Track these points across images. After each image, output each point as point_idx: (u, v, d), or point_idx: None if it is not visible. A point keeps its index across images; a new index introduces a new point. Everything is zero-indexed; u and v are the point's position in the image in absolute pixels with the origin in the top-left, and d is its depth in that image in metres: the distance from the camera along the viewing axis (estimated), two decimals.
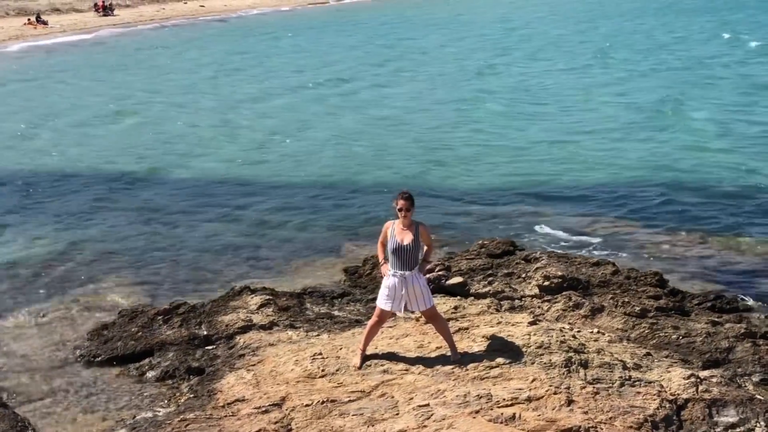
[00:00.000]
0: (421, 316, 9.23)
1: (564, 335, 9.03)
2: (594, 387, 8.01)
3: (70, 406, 9.03)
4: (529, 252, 12.44)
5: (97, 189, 18.70)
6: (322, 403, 7.92)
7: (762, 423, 7.72)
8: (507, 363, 8.40)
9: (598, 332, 9.61)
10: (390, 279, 8.37)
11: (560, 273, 11.20)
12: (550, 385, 7.92)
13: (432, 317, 8.66)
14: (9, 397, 9.13)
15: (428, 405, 7.73)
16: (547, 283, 11.09)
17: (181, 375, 9.41)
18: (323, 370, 8.56)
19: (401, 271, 8.28)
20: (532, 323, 9.36)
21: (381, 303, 8.49)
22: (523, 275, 11.51)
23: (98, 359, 10.02)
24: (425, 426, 7.41)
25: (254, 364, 9.02)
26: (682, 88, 30.39)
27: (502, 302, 10.59)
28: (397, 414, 7.67)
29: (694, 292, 11.65)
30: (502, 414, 7.51)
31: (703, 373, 8.62)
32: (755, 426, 7.71)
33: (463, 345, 8.85)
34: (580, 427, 7.34)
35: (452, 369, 8.36)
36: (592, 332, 9.56)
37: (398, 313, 8.88)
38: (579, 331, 9.45)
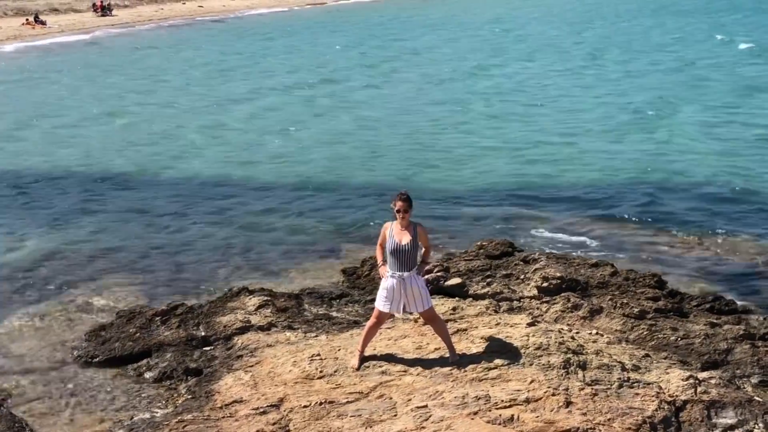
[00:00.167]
0: (419, 318, 9.22)
1: (562, 336, 9.02)
2: (592, 388, 8.00)
3: (67, 406, 9.00)
4: (527, 253, 12.42)
5: (91, 190, 18.66)
6: (320, 404, 7.90)
7: (760, 424, 7.73)
8: (505, 364, 8.40)
9: (597, 333, 9.60)
10: (388, 280, 8.36)
11: (559, 274, 11.19)
12: (549, 387, 7.91)
13: (430, 318, 8.65)
14: (6, 398, 9.10)
15: (426, 406, 7.72)
16: (545, 284, 11.08)
17: (178, 376, 9.39)
18: (321, 372, 8.55)
19: (400, 272, 8.27)
20: (530, 324, 9.35)
21: (379, 304, 8.48)
22: (522, 276, 11.49)
23: (96, 360, 9.99)
24: (423, 427, 7.39)
25: (252, 365, 9.00)
26: (677, 89, 30.46)
27: (500, 303, 10.58)
28: (395, 415, 7.66)
29: (693, 293, 11.65)
30: (500, 415, 7.51)
31: (702, 375, 8.62)
32: (754, 427, 7.71)
33: (462, 346, 8.84)
34: (578, 428, 7.34)
35: (451, 370, 8.35)
36: (590, 333, 9.55)
37: (397, 315, 8.87)
38: (577, 333, 9.44)
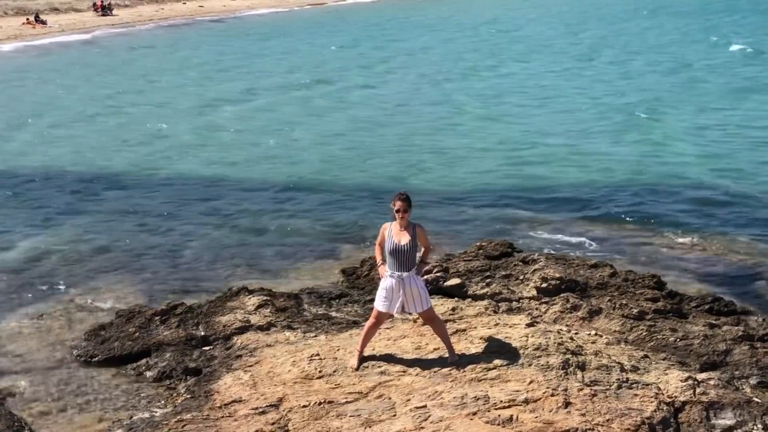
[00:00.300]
0: (418, 318, 9.22)
1: (562, 337, 9.03)
2: (591, 389, 8.01)
3: (66, 406, 9.01)
4: (526, 254, 12.42)
5: (88, 189, 18.67)
6: (320, 404, 7.91)
7: (759, 425, 7.74)
8: (504, 365, 8.40)
9: (596, 334, 9.61)
10: (387, 280, 8.36)
11: (558, 275, 11.19)
12: (548, 387, 7.92)
13: (429, 319, 8.65)
14: (6, 397, 9.11)
15: (425, 406, 7.72)
16: (544, 284, 11.08)
17: (178, 375, 9.39)
18: (320, 371, 8.55)
19: (399, 273, 8.27)
20: (529, 325, 9.35)
21: (378, 304, 8.48)
22: (521, 277, 11.50)
23: (95, 359, 10.00)
24: (422, 427, 7.40)
25: (251, 365, 9.00)
26: (674, 90, 30.51)
27: (499, 304, 10.58)
28: (394, 415, 7.66)
29: (692, 294, 11.65)
30: (499, 416, 7.51)
31: (701, 376, 8.63)
32: (752, 428, 7.72)
33: (461, 346, 8.84)
34: (577, 429, 7.34)
35: (450, 371, 8.36)
36: (589, 334, 9.56)
37: (396, 315, 8.88)
38: (577, 333, 9.45)
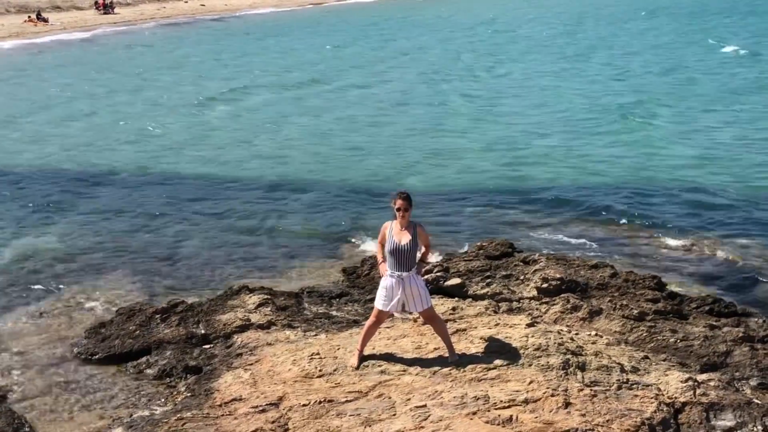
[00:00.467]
0: (419, 317, 9.22)
1: (562, 337, 9.03)
2: (591, 389, 8.01)
3: (67, 403, 9.01)
4: (527, 254, 12.42)
5: (87, 187, 18.71)
6: (320, 403, 7.91)
7: (759, 427, 7.74)
8: (504, 365, 8.40)
9: (596, 335, 9.61)
10: (387, 279, 8.35)
11: (558, 275, 11.19)
12: (548, 387, 7.92)
13: (430, 318, 8.65)
14: (6, 395, 9.11)
15: (425, 406, 7.72)
16: (545, 285, 11.08)
17: (178, 374, 9.40)
18: (321, 370, 8.55)
19: (399, 272, 8.26)
20: (530, 325, 9.35)
21: (379, 303, 8.47)
22: (522, 277, 11.49)
23: (96, 357, 10.00)
24: (422, 427, 7.40)
25: (252, 364, 9.01)
26: (672, 91, 30.44)
27: (500, 304, 10.58)
28: (394, 415, 7.66)
29: (693, 295, 11.63)
30: (499, 416, 7.51)
31: (701, 377, 8.63)
32: (753, 430, 7.72)
33: (461, 346, 8.84)
34: (577, 429, 7.34)
35: (450, 370, 8.36)
36: (590, 335, 9.55)
37: (396, 314, 8.87)
38: (577, 334, 9.45)
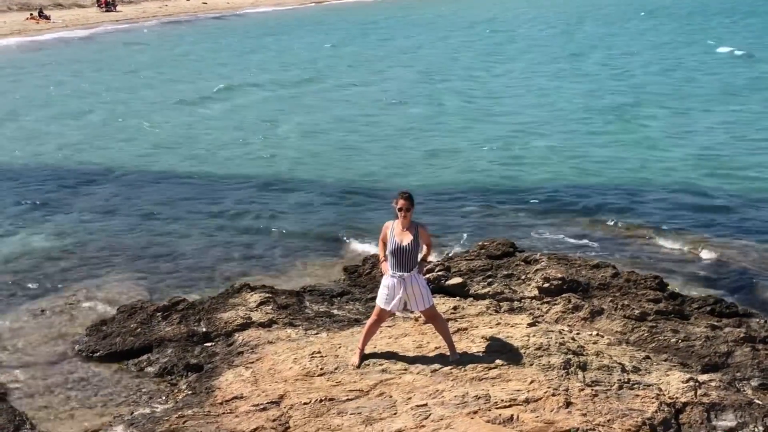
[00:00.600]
0: (420, 316, 9.22)
1: (563, 337, 9.03)
2: (592, 389, 8.01)
3: (67, 401, 9.02)
4: (528, 254, 12.40)
5: (86, 185, 18.71)
6: (320, 401, 7.91)
7: (760, 427, 7.73)
8: (505, 364, 8.40)
9: (598, 335, 9.60)
10: (389, 279, 8.35)
11: (560, 275, 11.18)
12: (549, 387, 7.92)
13: (431, 317, 8.65)
14: (7, 392, 9.12)
15: (426, 405, 7.72)
16: (546, 284, 11.07)
17: (179, 371, 9.40)
18: (322, 369, 8.56)
19: (400, 273, 8.26)
20: (531, 325, 9.35)
21: (380, 302, 8.47)
22: (523, 277, 11.49)
23: (97, 354, 10.01)
24: (423, 426, 7.40)
25: (253, 362, 9.01)
26: (672, 91, 30.41)
27: (501, 303, 10.58)
28: (395, 413, 7.66)
29: (694, 295, 11.61)
30: (500, 415, 7.51)
31: (702, 377, 8.62)
32: (753, 430, 7.72)
33: (462, 345, 8.84)
34: (578, 429, 7.34)
35: (451, 369, 8.36)
36: (591, 335, 9.55)
37: (397, 313, 8.87)
38: (578, 334, 9.44)
